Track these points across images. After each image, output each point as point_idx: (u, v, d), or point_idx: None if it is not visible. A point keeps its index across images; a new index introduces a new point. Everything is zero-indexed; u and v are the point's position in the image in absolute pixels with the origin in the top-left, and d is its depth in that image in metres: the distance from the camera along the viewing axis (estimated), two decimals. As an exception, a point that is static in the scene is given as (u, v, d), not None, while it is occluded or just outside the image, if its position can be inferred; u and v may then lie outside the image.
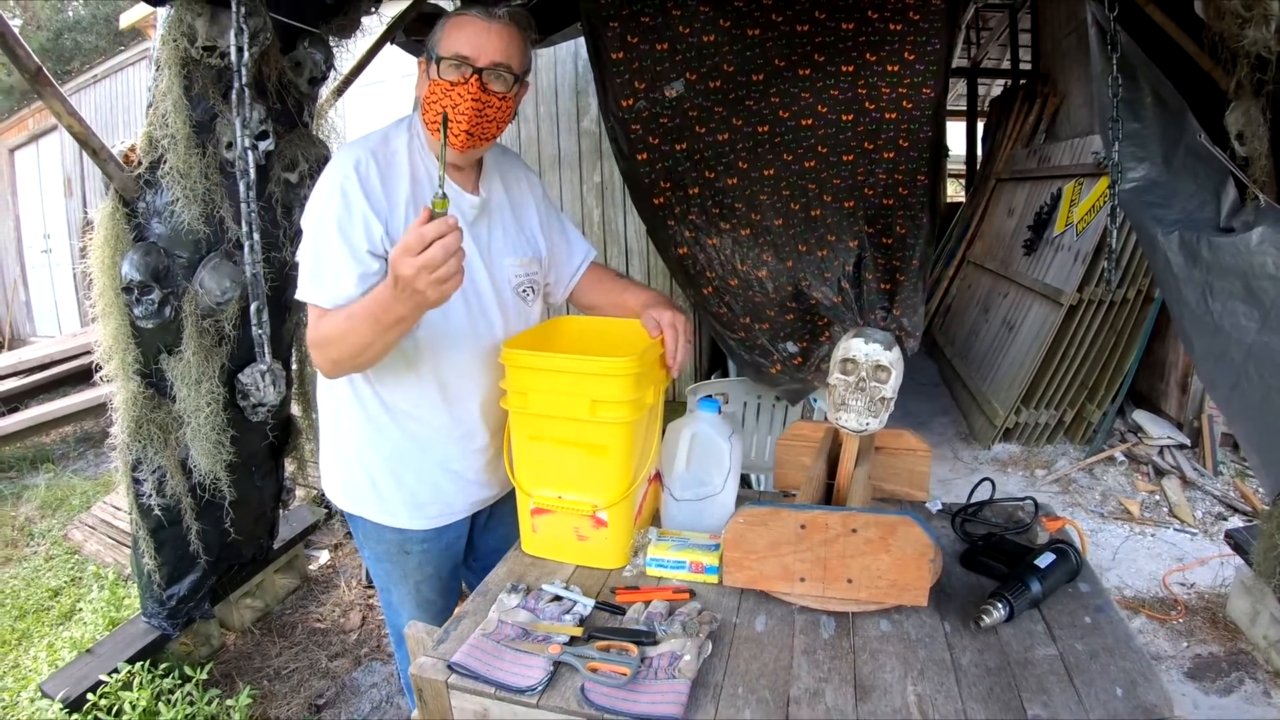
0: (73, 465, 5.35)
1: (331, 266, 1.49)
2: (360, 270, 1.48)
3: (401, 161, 1.58)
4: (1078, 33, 5.60)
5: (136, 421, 2.43)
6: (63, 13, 13.79)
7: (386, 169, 1.56)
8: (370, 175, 1.52)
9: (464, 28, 1.53)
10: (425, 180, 1.60)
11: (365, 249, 1.49)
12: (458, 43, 1.52)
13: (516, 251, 1.74)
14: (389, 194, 1.54)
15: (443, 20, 1.57)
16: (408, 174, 1.58)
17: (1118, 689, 1.19)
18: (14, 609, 3.46)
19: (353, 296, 1.47)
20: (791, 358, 2.78)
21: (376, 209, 1.51)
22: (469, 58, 1.52)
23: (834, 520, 1.33)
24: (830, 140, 2.60)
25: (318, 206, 1.52)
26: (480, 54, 1.52)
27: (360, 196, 1.50)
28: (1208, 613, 3.05)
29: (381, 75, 4.86)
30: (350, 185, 1.50)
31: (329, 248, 1.49)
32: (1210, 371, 2.33)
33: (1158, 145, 2.32)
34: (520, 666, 1.23)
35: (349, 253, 1.48)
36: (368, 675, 2.86)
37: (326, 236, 1.49)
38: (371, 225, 1.50)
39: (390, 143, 1.60)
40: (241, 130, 1.60)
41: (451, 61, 1.51)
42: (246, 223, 1.63)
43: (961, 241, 6.89)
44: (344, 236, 1.48)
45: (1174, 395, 4.51)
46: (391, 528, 1.74)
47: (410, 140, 1.61)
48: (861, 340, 1.45)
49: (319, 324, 1.50)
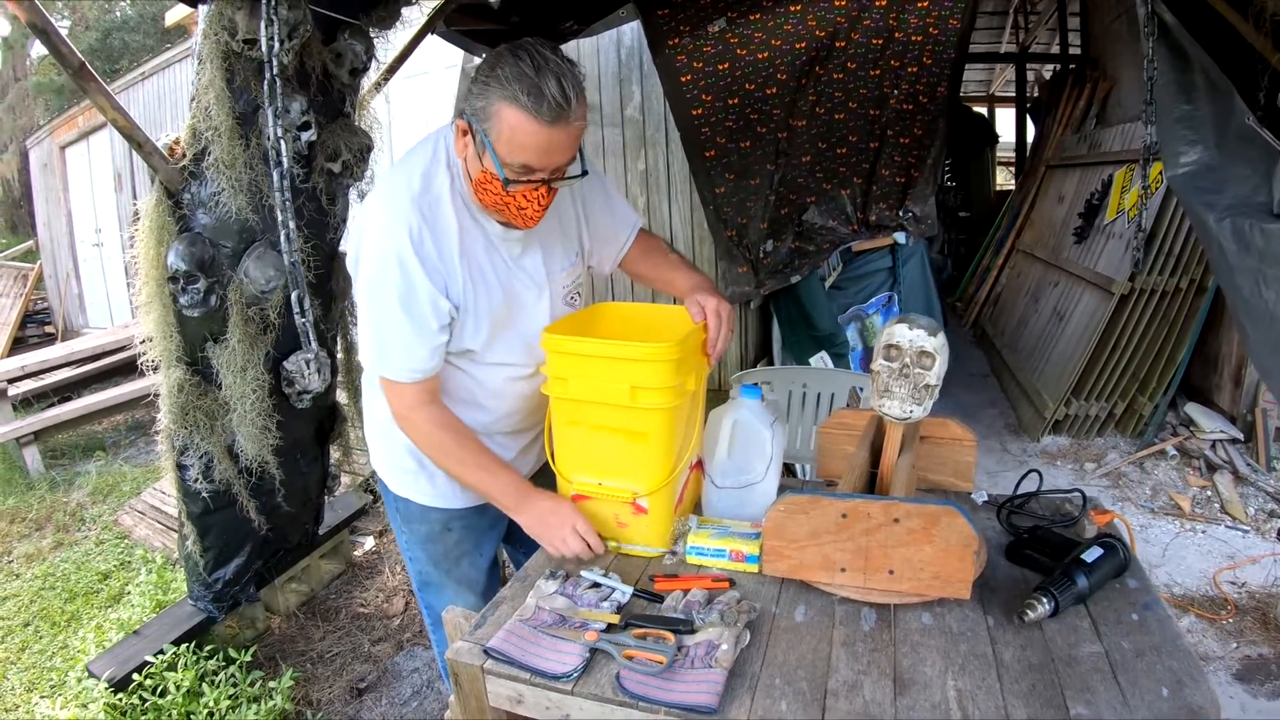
0: (124, 453, 5.49)
1: (402, 346, 1.49)
2: (432, 345, 1.51)
3: (447, 213, 1.50)
4: (1128, 16, 5.45)
5: (182, 408, 2.47)
6: (110, 13, 14.08)
7: (436, 232, 1.48)
8: (426, 245, 1.46)
9: (527, 135, 1.36)
10: (472, 228, 1.54)
11: (435, 327, 1.49)
12: (522, 152, 1.38)
13: (564, 264, 1.71)
14: (444, 258, 1.49)
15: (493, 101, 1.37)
16: (455, 228, 1.51)
17: (1163, 689, 1.15)
18: (64, 591, 3.57)
19: (429, 368, 1.52)
20: (763, 257, 3.22)
21: (439, 284, 1.48)
22: (536, 168, 1.41)
23: (876, 509, 1.30)
24: (860, 58, 2.92)
25: (375, 281, 1.47)
26: (548, 163, 1.41)
27: (422, 275, 1.45)
28: (1258, 613, 2.96)
29: (425, 66, 4.90)
30: (409, 259, 1.44)
31: (396, 328, 1.48)
32: (1266, 362, 2.26)
33: (1210, 128, 2.24)
34: (556, 653, 1.23)
35: (415, 330, 1.48)
36: (409, 660, 2.89)
37: (392, 317, 1.47)
38: (440, 304, 1.49)
39: (431, 188, 1.50)
40: (274, 121, 1.61)
41: (517, 170, 1.41)
42: (282, 212, 1.65)
43: (1011, 230, 6.76)
44: (410, 315, 1.47)
45: (1227, 388, 4.39)
46: (437, 508, 1.76)
47: (453, 182, 1.52)
48: (906, 326, 1.42)
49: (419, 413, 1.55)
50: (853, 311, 4.19)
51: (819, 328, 3.86)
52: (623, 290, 5.11)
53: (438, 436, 1.56)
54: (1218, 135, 2.22)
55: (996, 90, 12.96)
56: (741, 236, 3.29)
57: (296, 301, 1.72)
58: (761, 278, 3.39)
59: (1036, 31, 9.06)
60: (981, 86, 13.11)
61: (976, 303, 6.88)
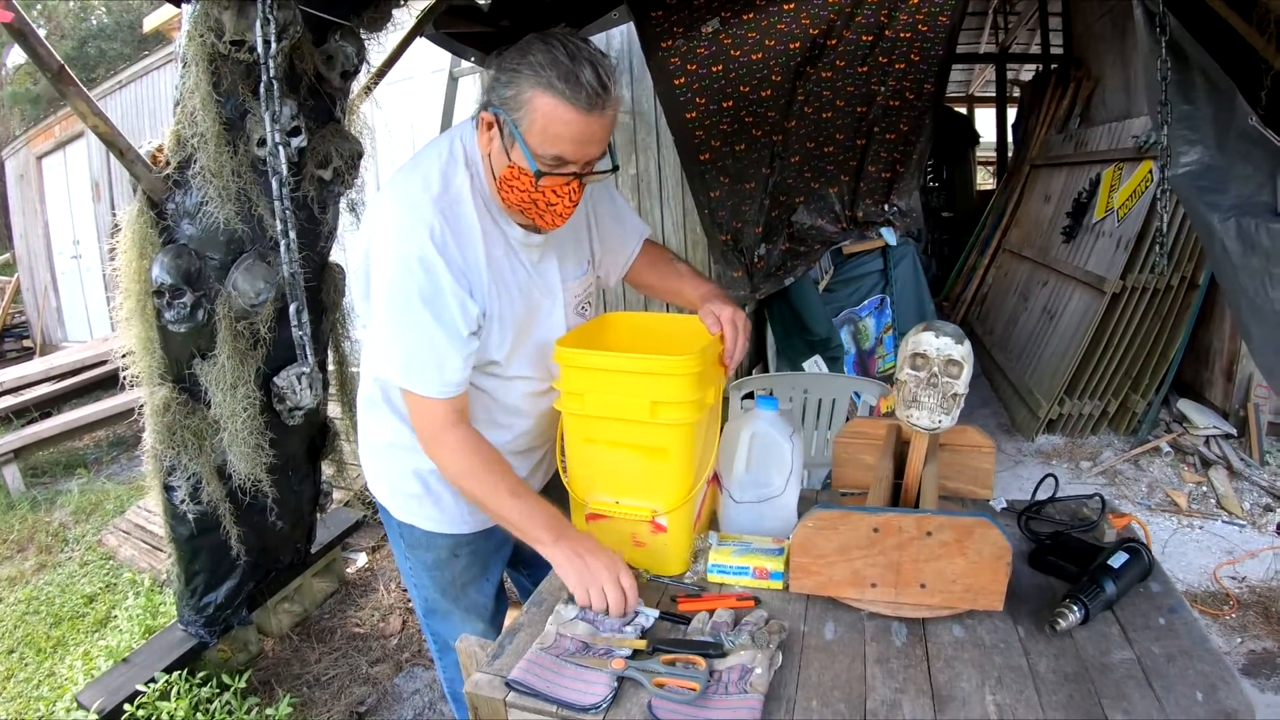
0: (106, 470, 5.39)
1: (432, 355, 1.39)
2: (464, 353, 1.41)
3: (469, 214, 1.43)
4: (1111, 15, 5.49)
5: (169, 428, 2.39)
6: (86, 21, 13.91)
7: (458, 232, 1.40)
8: (449, 246, 1.38)
9: (563, 123, 1.30)
10: (493, 230, 1.47)
11: (465, 334, 1.40)
12: (557, 143, 1.32)
13: (577, 273, 1.65)
14: (468, 260, 1.41)
15: (525, 89, 1.31)
16: (478, 229, 1.43)
17: (1198, 693, 1.14)
18: (49, 616, 3.47)
19: (461, 380, 1.42)
20: (757, 261, 3.24)
21: (464, 286, 1.39)
22: (570, 160, 1.35)
23: (908, 523, 1.27)
24: (849, 55, 2.92)
25: (397, 285, 1.38)
26: (582, 154, 1.36)
27: (449, 277, 1.36)
28: (1260, 607, 2.97)
29: (411, 71, 4.85)
30: (433, 260, 1.36)
31: (423, 336, 1.38)
32: (1270, 361, 2.26)
33: (1210, 128, 2.24)
34: (582, 683, 1.18)
35: (447, 337, 1.39)
36: (409, 681, 2.82)
37: (418, 323, 1.37)
38: (469, 307, 1.40)
39: (451, 188, 1.42)
40: (272, 126, 1.55)
41: (549, 162, 1.34)
42: (281, 222, 1.58)
43: (996, 229, 6.78)
44: (440, 321, 1.37)
45: (1219, 384, 4.41)
46: (443, 534, 1.69)
47: (472, 180, 1.45)
48: (932, 334, 1.38)
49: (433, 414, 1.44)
50: (846, 314, 4.18)
51: (814, 331, 3.84)
52: (635, 299, 5.05)
53: (470, 462, 1.45)
54: (1218, 135, 2.22)
55: (976, 90, 13.06)
56: (737, 241, 3.27)
57: (295, 315, 1.65)
58: (756, 282, 3.38)
59: (1017, 31, 9.12)
60: (961, 86, 13.21)
61: (963, 302, 6.90)
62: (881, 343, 4.23)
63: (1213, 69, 2.13)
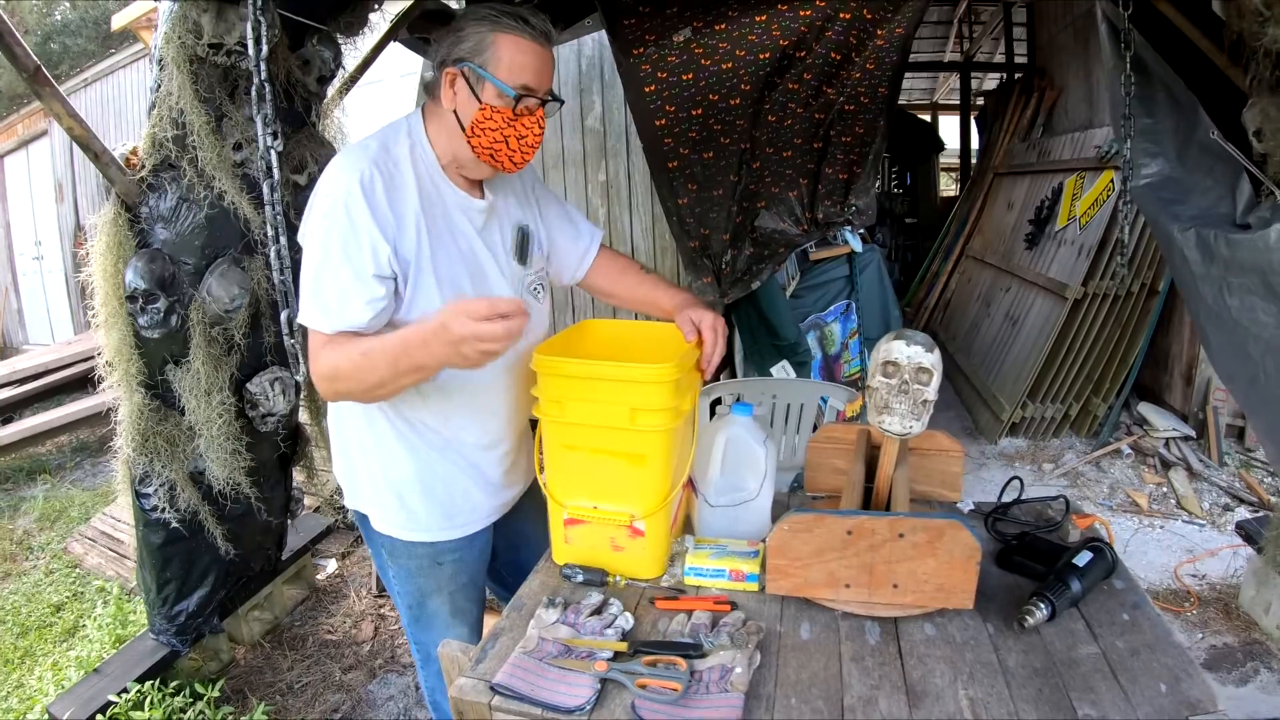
0: (70, 476, 5.28)
1: (337, 291, 1.41)
2: (368, 295, 1.41)
3: (406, 172, 1.49)
4: (1074, 26, 5.60)
5: (143, 435, 2.37)
6: (50, 16, 13.61)
7: (391, 182, 1.46)
8: (376, 191, 1.42)
9: (525, 54, 1.46)
10: (433, 192, 1.52)
11: (372, 273, 1.41)
12: (523, 72, 1.46)
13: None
14: (396, 210, 1.45)
15: (486, 35, 1.45)
16: (414, 186, 1.49)
17: (1161, 685, 1.19)
18: (15, 626, 3.40)
19: (360, 323, 1.42)
20: (724, 268, 3.31)
21: (384, 229, 1.42)
22: (535, 89, 1.48)
23: (881, 525, 1.30)
24: (816, 69, 3.01)
25: (319, 225, 1.42)
26: (542, 83, 1.50)
27: (367, 216, 1.40)
28: (1220, 604, 3.05)
29: (380, 75, 4.81)
30: (355, 203, 1.40)
31: (333, 271, 1.40)
32: (1228, 367, 2.32)
33: (1171, 141, 2.30)
34: (566, 685, 1.20)
35: (354, 276, 1.40)
36: (384, 688, 2.81)
37: (330, 259, 1.40)
38: (379, 248, 1.41)
39: (391, 150, 1.49)
40: (263, 128, 1.55)
41: (520, 90, 1.46)
42: (272, 227, 1.58)
43: (960, 236, 6.88)
44: (349, 259, 1.40)
45: (1178, 387, 4.52)
46: (423, 543, 1.69)
47: (413, 148, 1.52)
48: (903, 343, 1.42)
49: (324, 351, 1.42)
50: (812, 320, 4.21)
51: (782, 336, 3.87)
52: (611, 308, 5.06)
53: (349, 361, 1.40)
54: (1180, 148, 2.28)
55: (940, 98, 13.23)
56: (705, 247, 3.30)
57: (286, 323, 1.65)
58: (725, 287, 3.41)
59: (981, 41, 9.27)
60: (925, 94, 13.39)
61: (926, 308, 7.00)
62: (847, 348, 4.26)
63: (1175, 83, 2.19)
